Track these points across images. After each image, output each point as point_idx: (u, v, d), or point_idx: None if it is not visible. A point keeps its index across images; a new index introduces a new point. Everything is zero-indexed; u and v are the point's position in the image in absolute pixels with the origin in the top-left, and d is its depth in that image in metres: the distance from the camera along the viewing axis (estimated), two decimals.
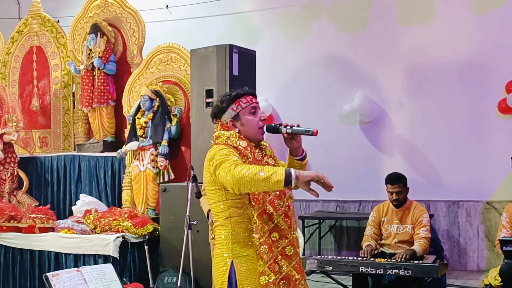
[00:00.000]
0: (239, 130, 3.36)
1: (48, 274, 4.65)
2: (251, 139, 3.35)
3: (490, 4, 8.45)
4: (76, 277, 4.70)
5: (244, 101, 3.37)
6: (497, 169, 8.16)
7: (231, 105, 3.38)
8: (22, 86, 8.91)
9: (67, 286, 4.59)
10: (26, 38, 8.93)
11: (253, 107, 3.39)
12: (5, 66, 9.00)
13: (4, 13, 10.69)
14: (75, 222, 7.17)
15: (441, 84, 8.69)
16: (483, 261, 8.38)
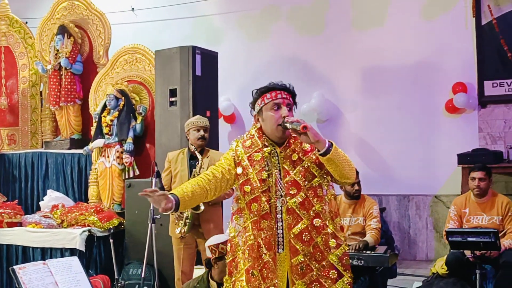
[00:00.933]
0: (261, 126, 3.30)
1: (15, 267, 4.57)
2: (271, 136, 3.26)
3: (437, 10, 8.55)
4: (43, 270, 4.63)
5: (268, 96, 3.26)
6: (445, 165, 8.26)
7: (257, 100, 3.31)
8: None
9: (34, 279, 4.51)
10: None
11: (276, 103, 3.24)
12: None
13: None
14: (42, 217, 7.10)
15: (393, 85, 8.78)
16: (432, 251, 8.50)
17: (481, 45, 8.24)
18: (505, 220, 5.59)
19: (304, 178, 3.18)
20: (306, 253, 3.14)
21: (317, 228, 3.15)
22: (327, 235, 3.17)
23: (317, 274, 3.14)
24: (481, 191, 5.64)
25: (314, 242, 3.14)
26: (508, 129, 8.12)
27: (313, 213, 3.16)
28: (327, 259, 3.15)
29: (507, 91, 8.11)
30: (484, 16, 8.23)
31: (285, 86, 3.31)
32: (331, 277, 3.14)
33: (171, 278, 6.08)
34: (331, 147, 3.06)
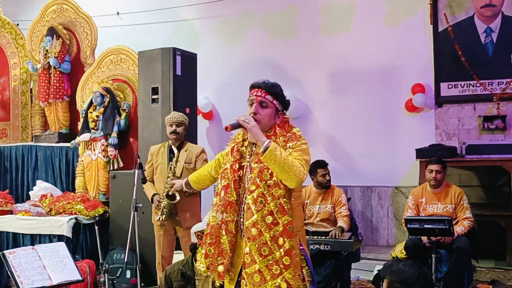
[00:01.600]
0: None
1: (5, 251, 4.49)
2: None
3: (398, 17, 8.60)
4: (31, 254, 4.56)
5: (249, 93, 3.27)
6: (404, 159, 8.32)
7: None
8: None
9: (23, 263, 4.45)
10: None
11: (250, 100, 3.24)
12: None
13: None
14: (32, 206, 7.02)
15: (358, 86, 8.82)
16: (392, 238, 8.58)
17: (438, 50, 8.32)
18: (458, 209, 5.67)
19: (261, 177, 3.13)
20: (252, 246, 3.10)
21: (268, 224, 3.09)
22: (277, 233, 3.09)
23: (259, 267, 3.09)
24: (437, 182, 5.71)
25: (262, 237, 3.09)
26: (462, 126, 8.22)
27: (266, 211, 3.10)
28: (273, 254, 3.08)
29: (461, 92, 8.20)
30: (440, 23, 8.31)
31: (260, 84, 3.26)
32: (274, 272, 3.07)
33: (152, 262, 6.05)
34: (267, 149, 3.00)
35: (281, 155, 3.01)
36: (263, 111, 3.21)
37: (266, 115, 3.22)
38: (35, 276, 4.42)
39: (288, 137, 3.22)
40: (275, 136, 3.21)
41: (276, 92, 3.26)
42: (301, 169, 3.06)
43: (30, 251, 4.59)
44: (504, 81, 7.94)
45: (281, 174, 3.04)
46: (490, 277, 6.40)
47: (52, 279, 4.48)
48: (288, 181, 3.07)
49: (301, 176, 3.06)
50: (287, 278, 3.06)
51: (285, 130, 3.26)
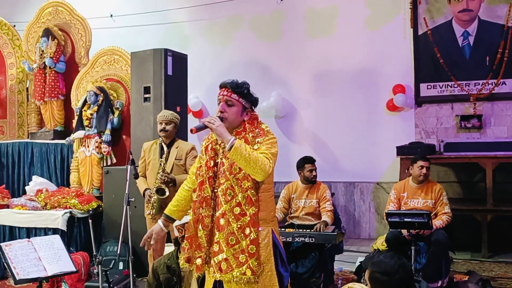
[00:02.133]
0: None
1: (1, 244, 4.45)
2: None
3: (379, 21, 8.62)
4: (27, 247, 4.51)
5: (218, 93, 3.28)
6: (385, 156, 8.36)
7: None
8: None
9: (19, 254, 4.40)
10: None
11: (218, 99, 3.25)
12: None
13: None
14: (28, 200, 6.96)
15: (341, 86, 8.83)
16: (373, 231, 8.59)
17: (418, 52, 8.35)
18: (437, 204, 5.70)
19: (230, 170, 3.14)
20: (220, 236, 3.13)
21: (236, 215, 3.11)
22: (244, 223, 3.11)
23: (226, 255, 3.11)
24: (425, 177, 5.77)
25: (230, 227, 3.11)
26: (440, 125, 8.25)
27: (235, 202, 3.12)
28: (240, 244, 3.10)
29: (439, 93, 8.24)
30: (420, 27, 8.34)
31: (226, 84, 3.25)
32: (240, 260, 3.09)
33: (143, 254, 6.04)
34: (232, 147, 3.00)
35: (246, 151, 3.02)
36: (229, 110, 3.21)
37: (232, 113, 3.22)
38: (31, 268, 4.38)
39: (256, 133, 3.22)
40: (244, 132, 3.22)
41: (241, 91, 3.24)
42: (265, 162, 3.07)
43: (26, 244, 4.55)
44: (480, 82, 7.99)
45: (247, 168, 3.06)
46: (466, 268, 6.43)
47: (47, 270, 4.44)
48: (255, 175, 3.09)
49: (267, 169, 3.06)
50: (252, 266, 3.09)
51: (254, 126, 3.26)
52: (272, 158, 3.13)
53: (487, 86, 7.96)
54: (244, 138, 3.17)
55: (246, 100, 3.26)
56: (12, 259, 4.34)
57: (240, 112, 3.24)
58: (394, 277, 2.42)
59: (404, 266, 2.50)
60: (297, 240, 5.41)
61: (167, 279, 4.11)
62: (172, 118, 5.52)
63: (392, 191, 5.98)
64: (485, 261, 6.90)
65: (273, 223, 3.31)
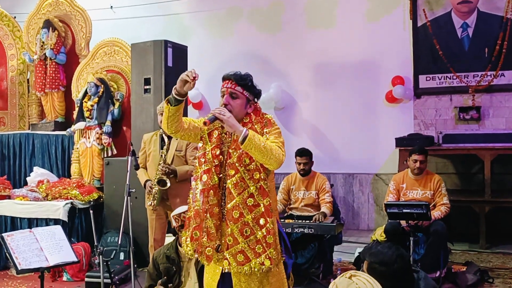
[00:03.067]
0: None
1: (3, 234, 4.45)
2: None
3: (379, 13, 8.62)
4: (29, 237, 4.51)
5: (221, 85, 3.24)
6: (384, 147, 8.37)
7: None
8: None
9: (21, 245, 4.41)
10: None
11: (222, 91, 3.22)
12: None
13: None
14: (29, 191, 6.96)
15: (341, 78, 8.82)
16: (372, 222, 8.62)
17: (417, 44, 8.34)
18: (436, 195, 5.71)
19: (240, 162, 3.10)
20: (234, 228, 3.09)
21: (249, 207, 3.08)
22: (258, 214, 3.09)
23: (242, 247, 3.07)
24: (420, 170, 5.76)
25: (244, 219, 3.08)
26: (439, 117, 8.25)
27: (247, 194, 3.08)
28: (255, 234, 3.07)
29: (438, 84, 8.24)
30: (419, 19, 8.33)
31: (230, 76, 3.22)
32: (256, 251, 3.06)
33: (144, 245, 6.04)
34: (246, 138, 2.95)
35: (259, 141, 3.00)
36: (234, 102, 3.17)
37: (237, 106, 3.18)
38: (33, 258, 4.38)
39: (264, 123, 3.21)
40: (251, 124, 3.19)
41: (245, 83, 3.21)
42: (279, 151, 3.05)
43: (27, 234, 4.55)
44: (479, 74, 7.98)
45: (262, 158, 3.02)
46: (464, 259, 6.45)
47: (49, 261, 4.44)
48: (269, 164, 3.06)
49: (281, 158, 3.05)
50: (270, 256, 3.07)
51: (259, 117, 3.25)
52: (283, 147, 3.12)
53: (486, 78, 7.96)
54: (252, 129, 3.12)
55: (250, 92, 3.23)
56: (14, 249, 4.34)
57: (244, 105, 3.21)
58: (392, 267, 2.42)
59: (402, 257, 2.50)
60: (297, 231, 5.43)
61: (166, 268, 4.12)
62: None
63: (391, 182, 5.99)
64: (483, 252, 6.92)
65: (276, 212, 3.30)
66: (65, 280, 6.22)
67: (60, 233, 4.73)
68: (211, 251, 3.16)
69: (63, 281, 6.21)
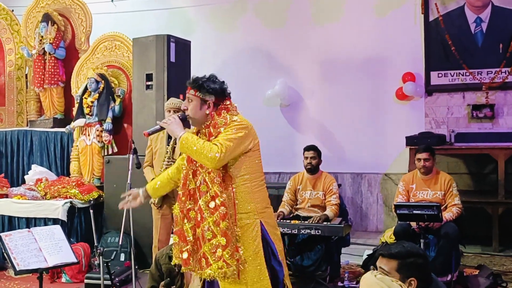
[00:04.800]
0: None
1: (1, 234, 4.47)
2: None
3: (388, 7, 8.59)
4: (27, 237, 4.53)
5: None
6: (394, 146, 8.34)
7: None
8: None
9: (19, 245, 4.42)
10: None
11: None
12: None
13: None
14: (27, 190, 6.99)
15: (348, 74, 8.80)
16: (381, 223, 8.61)
17: (428, 39, 8.33)
18: (447, 195, 5.68)
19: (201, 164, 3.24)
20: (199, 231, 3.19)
21: (210, 209, 3.16)
22: (218, 217, 3.13)
23: (204, 251, 3.16)
24: (426, 169, 5.72)
25: (206, 222, 3.15)
26: (451, 115, 8.24)
27: (209, 196, 3.17)
28: (216, 238, 3.13)
29: (450, 81, 8.22)
30: (431, 13, 8.31)
31: (188, 82, 3.40)
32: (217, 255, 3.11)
33: (145, 246, 6.07)
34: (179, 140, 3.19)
35: (192, 142, 3.16)
36: (189, 105, 3.34)
37: (192, 109, 3.32)
38: (31, 258, 4.39)
39: (219, 123, 3.29)
40: (213, 127, 3.28)
41: (197, 85, 3.33)
42: (213, 149, 3.12)
43: (26, 234, 4.57)
44: (493, 70, 7.97)
45: (197, 158, 3.19)
46: (476, 262, 6.44)
47: (48, 261, 4.46)
48: (205, 163, 3.18)
49: (213, 156, 3.10)
50: (225, 259, 3.10)
51: (221, 117, 3.32)
52: (225, 144, 3.14)
53: (500, 75, 7.94)
54: (208, 132, 3.28)
55: (203, 92, 3.31)
56: (12, 249, 4.36)
57: (199, 106, 3.31)
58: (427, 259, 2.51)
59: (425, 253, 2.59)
60: (303, 232, 5.43)
61: (168, 269, 4.16)
62: (179, 106, 5.51)
63: (401, 183, 5.97)
64: (496, 255, 6.91)
65: (263, 214, 3.32)
66: (64, 282, 6.24)
67: (60, 233, 4.75)
68: (186, 255, 3.23)
69: (62, 283, 6.23)
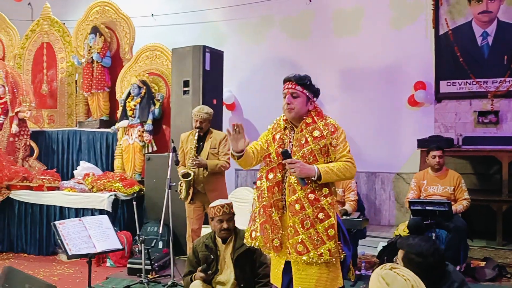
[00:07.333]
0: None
1: (55, 222, 4.53)
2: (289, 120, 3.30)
3: (403, 22, 8.49)
4: (78, 225, 4.59)
5: (283, 87, 3.32)
6: (406, 148, 8.25)
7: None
8: (34, 74, 8.67)
9: (71, 232, 4.48)
10: (38, 35, 8.68)
11: (283, 93, 3.30)
12: (20, 58, 8.74)
13: (19, 15, 10.31)
14: (76, 183, 7.06)
15: (366, 83, 8.71)
16: (393, 218, 8.51)
17: (439, 51, 8.21)
18: (457, 191, 5.66)
19: (305, 160, 3.13)
20: (296, 220, 3.12)
21: (310, 201, 3.11)
22: (318, 208, 3.11)
23: (302, 238, 3.10)
24: (440, 165, 5.73)
25: (305, 212, 3.10)
26: (458, 120, 8.12)
27: (309, 189, 3.11)
28: (315, 227, 3.09)
29: (458, 89, 8.09)
30: (441, 27, 8.20)
31: (290, 78, 3.28)
32: (315, 242, 3.09)
33: (181, 235, 6.07)
34: (320, 176, 3.05)
35: (332, 172, 3.09)
36: (295, 101, 3.24)
37: (298, 104, 3.24)
38: (82, 244, 4.45)
39: (329, 128, 3.24)
40: (315, 124, 3.24)
41: (304, 82, 3.27)
42: (352, 168, 3.16)
43: (77, 222, 4.63)
44: (498, 80, 7.83)
45: (340, 179, 3.18)
46: (482, 255, 6.34)
47: (97, 247, 4.52)
48: (346, 179, 3.24)
49: (354, 173, 3.18)
50: (330, 248, 3.09)
51: (323, 118, 3.30)
52: (352, 157, 3.20)
53: (505, 84, 7.80)
54: (318, 130, 3.20)
55: (309, 90, 3.29)
56: (65, 236, 4.41)
57: (305, 102, 3.27)
58: (428, 259, 2.39)
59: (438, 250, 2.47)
60: None
61: (205, 256, 4.13)
62: (207, 117, 5.49)
63: (413, 180, 5.96)
64: (500, 249, 6.79)
65: (336, 206, 3.32)
66: (108, 266, 6.30)
67: (107, 222, 4.80)
68: (278, 242, 3.19)
69: (106, 267, 6.29)
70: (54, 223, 4.49)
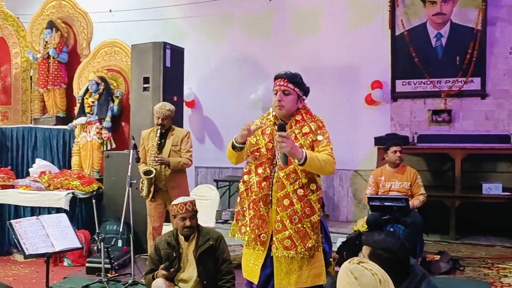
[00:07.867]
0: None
1: (12, 221, 4.37)
2: (278, 116, 3.28)
3: (361, 22, 8.60)
4: (36, 224, 4.44)
5: (274, 84, 3.30)
6: (363, 146, 8.37)
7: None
8: None
9: (28, 231, 4.33)
10: None
11: (274, 89, 3.28)
12: None
13: None
14: (32, 181, 6.83)
15: (325, 81, 8.75)
16: (351, 214, 8.62)
17: (395, 51, 8.36)
18: (413, 186, 5.79)
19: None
20: (283, 215, 3.13)
21: (299, 196, 3.13)
22: (306, 204, 3.13)
23: (289, 233, 3.11)
24: (401, 160, 5.86)
25: (293, 208, 3.12)
26: (413, 118, 8.29)
27: (298, 185, 3.13)
28: (303, 223, 3.12)
29: (413, 89, 8.27)
30: (397, 28, 8.35)
31: (282, 75, 3.26)
32: (302, 237, 3.11)
33: (141, 233, 5.97)
34: (306, 160, 3.00)
35: (316, 159, 3.07)
36: (286, 98, 3.24)
37: (289, 101, 3.24)
38: (39, 244, 4.32)
39: (317, 125, 3.27)
40: (304, 121, 3.26)
41: (296, 80, 3.27)
42: (332, 162, 3.16)
43: (34, 221, 4.48)
44: (451, 79, 8.04)
45: (320, 171, 3.15)
46: (436, 248, 6.48)
47: (55, 246, 4.38)
48: (325, 173, 3.19)
49: (333, 168, 3.18)
50: (315, 243, 3.13)
51: (312, 116, 3.32)
52: (333, 153, 3.22)
53: (457, 84, 8.01)
54: (308, 127, 3.22)
55: (300, 89, 3.29)
56: (22, 235, 4.27)
57: (295, 100, 3.27)
58: (396, 255, 2.41)
59: (404, 245, 2.49)
60: None
61: (167, 254, 4.07)
62: (168, 114, 5.41)
63: (371, 176, 6.05)
64: (453, 243, 6.97)
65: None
66: (65, 265, 6.13)
67: (65, 220, 4.67)
68: (265, 237, 3.19)
69: (64, 266, 6.12)
70: (10, 222, 4.34)
